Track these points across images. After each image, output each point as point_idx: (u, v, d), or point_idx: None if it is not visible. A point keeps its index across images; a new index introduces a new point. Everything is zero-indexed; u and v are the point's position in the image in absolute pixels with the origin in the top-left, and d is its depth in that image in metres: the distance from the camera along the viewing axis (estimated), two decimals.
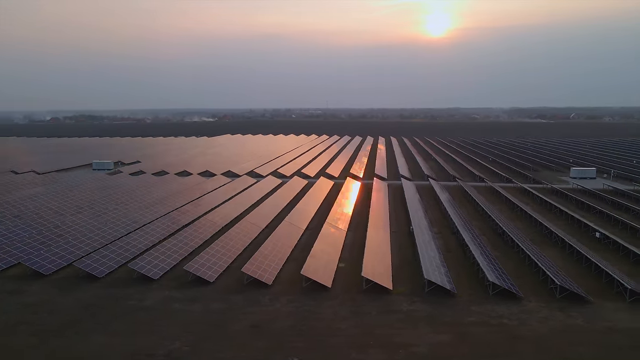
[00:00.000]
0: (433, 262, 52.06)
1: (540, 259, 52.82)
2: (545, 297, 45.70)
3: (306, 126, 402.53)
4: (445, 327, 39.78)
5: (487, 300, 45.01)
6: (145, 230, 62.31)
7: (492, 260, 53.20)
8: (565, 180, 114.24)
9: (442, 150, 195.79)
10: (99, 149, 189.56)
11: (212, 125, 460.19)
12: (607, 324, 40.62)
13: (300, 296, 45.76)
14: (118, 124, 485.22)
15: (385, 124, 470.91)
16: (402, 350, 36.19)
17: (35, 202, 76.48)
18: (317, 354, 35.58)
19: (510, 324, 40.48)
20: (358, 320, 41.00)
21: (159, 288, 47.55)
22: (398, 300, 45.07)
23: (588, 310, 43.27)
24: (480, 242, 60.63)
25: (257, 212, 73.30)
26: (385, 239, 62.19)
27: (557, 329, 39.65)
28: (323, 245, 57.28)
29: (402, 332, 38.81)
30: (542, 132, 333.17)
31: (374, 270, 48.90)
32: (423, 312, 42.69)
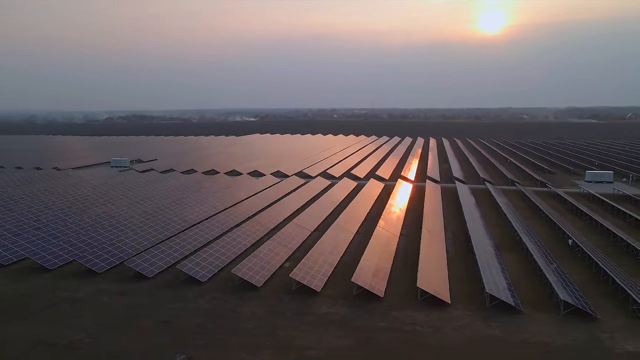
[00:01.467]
0: (495, 275, 48.20)
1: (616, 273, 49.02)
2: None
3: (346, 126, 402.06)
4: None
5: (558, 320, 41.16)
6: (194, 230, 64.36)
7: (562, 274, 48.89)
8: (579, 183, 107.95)
9: (470, 150, 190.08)
10: (130, 146, 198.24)
11: (253, 124, 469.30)
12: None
13: (351, 305, 44.13)
14: (165, 124, 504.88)
15: (426, 124, 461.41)
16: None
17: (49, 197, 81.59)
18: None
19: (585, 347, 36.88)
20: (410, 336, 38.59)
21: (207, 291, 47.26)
22: (464, 317, 41.93)
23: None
24: (546, 254, 55.65)
25: (305, 214, 73.16)
26: (440, 247, 59.19)
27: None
28: (374, 251, 54.99)
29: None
30: (591, 133, 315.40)
31: (429, 281, 46.25)
32: (497, 329, 39.73)
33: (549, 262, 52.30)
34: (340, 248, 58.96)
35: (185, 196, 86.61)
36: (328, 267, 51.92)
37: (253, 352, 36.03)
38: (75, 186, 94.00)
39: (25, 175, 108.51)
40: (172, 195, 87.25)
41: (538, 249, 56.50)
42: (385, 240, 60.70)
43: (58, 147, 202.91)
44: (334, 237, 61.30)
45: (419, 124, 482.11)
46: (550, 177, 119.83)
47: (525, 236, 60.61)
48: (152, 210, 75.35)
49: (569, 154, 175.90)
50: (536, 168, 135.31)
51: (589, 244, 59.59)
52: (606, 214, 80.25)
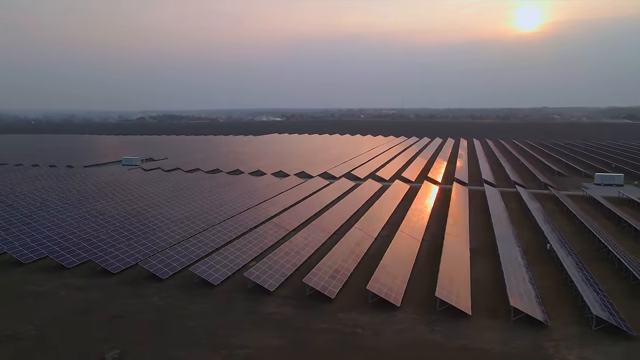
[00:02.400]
0: (521, 286, 45.68)
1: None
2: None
3: (373, 126, 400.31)
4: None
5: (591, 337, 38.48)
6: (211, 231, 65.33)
7: (595, 286, 46.16)
8: (586, 186, 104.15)
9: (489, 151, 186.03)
10: (150, 145, 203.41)
11: (278, 124, 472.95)
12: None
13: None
14: (193, 123, 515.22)
15: (454, 125, 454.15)
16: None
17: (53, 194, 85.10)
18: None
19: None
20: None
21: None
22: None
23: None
24: (582, 267, 51.90)
25: (325, 217, 72.19)
26: (463, 254, 56.56)
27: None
28: (393, 256, 53.44)
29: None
30: (624, 133, 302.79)
31: (450, 290, 44.40)
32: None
33: (580, 272, 49.38)
34: (359, 252, 57.72)
35: (177, 195, 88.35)
36: (345, 272, 51.13)
37: (185, 349, 36.62)
38: (78, 183, 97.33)
39: (37, 172, 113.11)
40: (165, 194, 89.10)
41: (569, 257, 53.61)
42: (405, 245, 58.90)
43: (83, 145, 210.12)
44: (352, 240, 60.00)
45: (447, 124, 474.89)
46: (558, 180, 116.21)
47: (557, 243, 57.81)
48: (140, 208, 77.20)
49: (587, 155, 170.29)
50: (546, 170, 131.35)
51: (573, 249, 57.58)
52: (600, 218, 77.41)
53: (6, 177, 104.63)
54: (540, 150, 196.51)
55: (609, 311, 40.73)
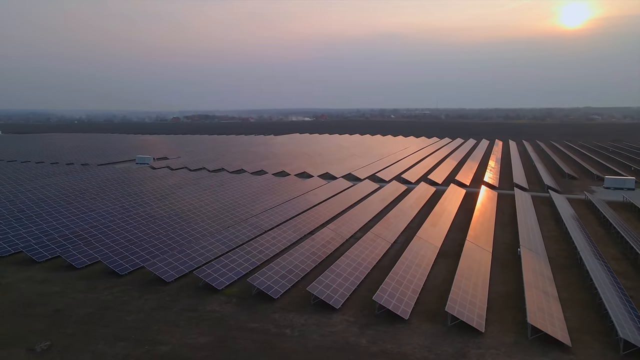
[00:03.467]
0: (542, 300, 42.81)
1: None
2: None
3: (403, 127, 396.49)
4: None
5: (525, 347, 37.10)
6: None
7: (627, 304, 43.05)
8: (595, 189, 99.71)
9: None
10: (170, 144, 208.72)
11: (307, 124, 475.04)
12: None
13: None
14: (225, 123, 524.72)
15: (487, 125, 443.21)
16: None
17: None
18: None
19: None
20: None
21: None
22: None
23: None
24: (614, 281, 48.42)
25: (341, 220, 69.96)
26: (483, 263, 52.64)
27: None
28: (407, 264, 50.71)
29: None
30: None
31: (463, 304, 41.91)
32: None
33: (613, 285, 46.89)
34: (372, 259, 55.73)
35: (172, 192, 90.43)
36: (354, 280, 49.40)
37: (109, 344, 37.62)
38: (83, 181, 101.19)
39: (52, 169, 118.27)
40: (160, 192, 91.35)
41: (598, 267, 50.78)
42: (422, 252, 57.22)
43: (109, 144, 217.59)
44: (369, 245, 58.48)
45: (480, 125, 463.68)
46: (567, 183, 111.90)
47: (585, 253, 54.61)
48: (129, 205, 79.51)
49: (610, 158, 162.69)
50: (557, 172, 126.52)
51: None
52: (592, 222, 74.14)
53: (20, 174, 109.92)
54: (560, 152, 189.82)
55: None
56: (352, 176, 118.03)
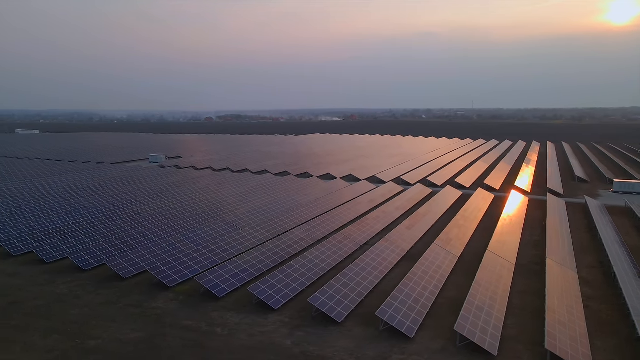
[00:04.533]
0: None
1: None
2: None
3: (432, 127, 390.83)
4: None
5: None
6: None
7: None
8: (602, 194, 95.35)
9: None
10: (191, 144, 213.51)
11: (336, 124, 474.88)
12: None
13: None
14: (255, 123, 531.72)
15: (519, 126, 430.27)
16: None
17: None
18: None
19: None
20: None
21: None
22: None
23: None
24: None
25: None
26: (574, 290, 46.72)
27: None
28: (480, 287, 44.85)
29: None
30: None
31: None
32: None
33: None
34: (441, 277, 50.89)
35: (166, 190, 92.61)
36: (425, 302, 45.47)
37: (44, 336, 39.02)
38: (87, 179, 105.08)
39: (65, 167, 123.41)
40: (155, 190, 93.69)
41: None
42: (495, 270, 53.52)
43: (133, 143, 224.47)
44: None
45: (515, 125, 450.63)
46: (575, 186, 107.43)
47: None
48: (119, 203, 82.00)
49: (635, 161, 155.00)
50: (568, 174, 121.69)
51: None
52: (582, 228, 71.02)
53: (33, 171, 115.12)
54: (581, 154, 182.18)
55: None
56: (352, 177, 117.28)
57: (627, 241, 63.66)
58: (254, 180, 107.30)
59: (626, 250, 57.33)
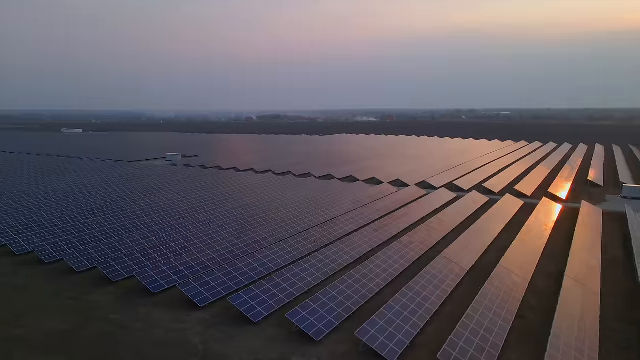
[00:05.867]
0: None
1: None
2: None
3: (472, 128, 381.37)
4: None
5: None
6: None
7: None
8: (608, 199, 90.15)
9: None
10: (217, 143, 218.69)
11: (370, 125, 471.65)
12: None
13: (226, 324, 40.98)
14: (292, 123, 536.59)
15: (563, 127, 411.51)
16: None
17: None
18: None
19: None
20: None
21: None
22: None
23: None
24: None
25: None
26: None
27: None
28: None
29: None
30: None
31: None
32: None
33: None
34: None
35: (161, 189, 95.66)
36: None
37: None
38: (94, 177, 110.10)
39: (81, 164, 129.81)
40: (151, 188, 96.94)
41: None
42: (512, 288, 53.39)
43: (163, 142, 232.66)
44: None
45: (558, 126, 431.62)
46: (584, 190, 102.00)
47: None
48: (111, 199, 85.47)
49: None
50: (579, 179, 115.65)
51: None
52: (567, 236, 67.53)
53: (55, 168, 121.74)
54: (631, 157, 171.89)
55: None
56: (352, 178, 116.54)
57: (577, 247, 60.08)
58: (253, 178, 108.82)
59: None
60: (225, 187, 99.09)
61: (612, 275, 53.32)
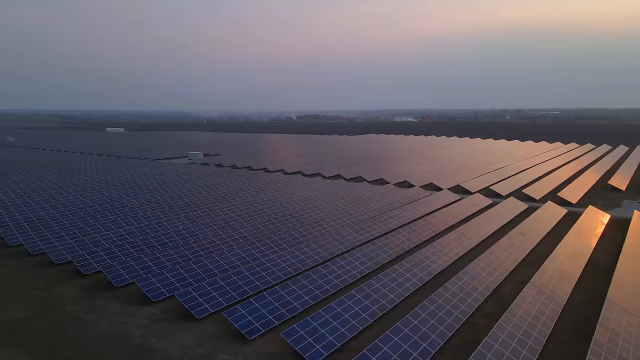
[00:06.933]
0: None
1: None
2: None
3: (516, 129, 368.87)
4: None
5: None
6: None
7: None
8: (625, 204, 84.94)
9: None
10: (249, 143, 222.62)
11: (409, 125, 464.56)
12: (153, 340, 38.25)
13: (171, 319, 42.13)
14: (330, 123, 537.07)
15: (615, 127, 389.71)
16: None
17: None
18: None
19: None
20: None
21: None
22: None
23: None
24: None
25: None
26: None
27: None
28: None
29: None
30: None
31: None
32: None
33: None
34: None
35: (166, 185, 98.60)
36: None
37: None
38: (108, 173, 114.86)
39: (105, 161, 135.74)
40: (159, 182, 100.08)
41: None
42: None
43: (194, 141, 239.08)
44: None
45: (610, 126, 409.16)
46: (604, 195, 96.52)
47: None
48: (117, 196, 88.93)
49: None
50: (599, 185, 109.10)
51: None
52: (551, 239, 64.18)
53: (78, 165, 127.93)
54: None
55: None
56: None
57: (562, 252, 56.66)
58: (261, 178, 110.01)
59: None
60: (224, 187, 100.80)
61: (590, 284, 50.34)
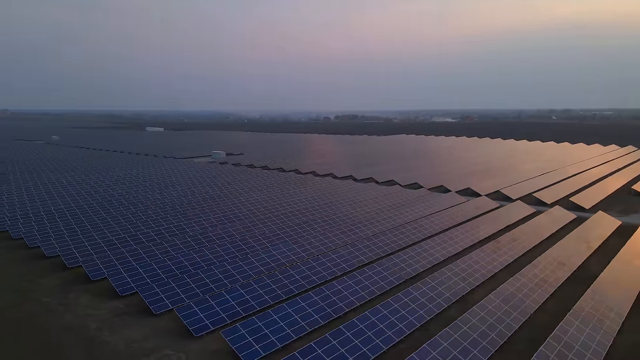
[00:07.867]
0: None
1: None
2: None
3: (562, 130, 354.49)
4: None
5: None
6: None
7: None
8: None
9: None
10: (280, 143, 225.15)
11: (447, 125, 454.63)
12: (106, 332, 39.51)
13: (133, 314, 43.28)
14: (367, 123, 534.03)
15: (614, 127, 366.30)
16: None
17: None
18: None
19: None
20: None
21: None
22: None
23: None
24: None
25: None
26: None
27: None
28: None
29: None
30: None
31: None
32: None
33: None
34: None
35: (172, 184, 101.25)
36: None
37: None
38: (125, 169, 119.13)
39: (134, 159, 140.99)
40: (170, 181, 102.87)
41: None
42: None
43: (229, 141, 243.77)
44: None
45: (611, 126, 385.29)
46: (626, 199, 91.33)
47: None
48: (126, 193, 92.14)
49: None
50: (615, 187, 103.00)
51: None
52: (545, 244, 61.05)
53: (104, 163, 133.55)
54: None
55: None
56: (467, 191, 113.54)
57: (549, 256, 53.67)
58: (274, 177, 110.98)
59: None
60: (229, 186, 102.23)
61: (570, 293, 47.75)
